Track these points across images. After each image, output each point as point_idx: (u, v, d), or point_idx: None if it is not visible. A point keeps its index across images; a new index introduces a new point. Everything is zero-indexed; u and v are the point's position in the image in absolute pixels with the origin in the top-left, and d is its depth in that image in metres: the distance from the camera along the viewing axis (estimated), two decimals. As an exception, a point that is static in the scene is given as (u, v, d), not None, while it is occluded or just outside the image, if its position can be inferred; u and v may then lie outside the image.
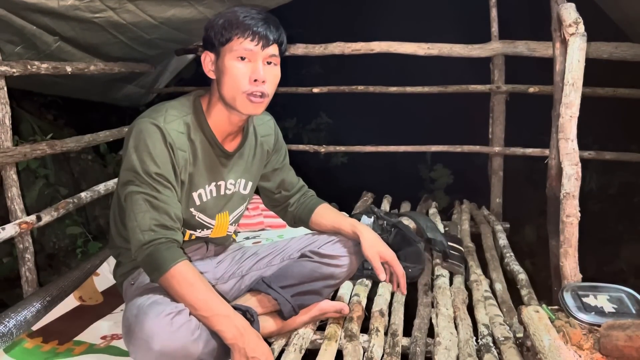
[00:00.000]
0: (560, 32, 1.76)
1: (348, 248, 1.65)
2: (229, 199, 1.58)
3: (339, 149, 3.56)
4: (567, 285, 1.62)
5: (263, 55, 1.37)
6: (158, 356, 1.23)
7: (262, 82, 1.37)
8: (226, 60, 1.37)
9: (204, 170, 1.48)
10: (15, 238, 1.98)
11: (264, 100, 1.41)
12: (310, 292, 1.63)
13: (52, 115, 3.58)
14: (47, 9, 2.03)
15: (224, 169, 1.53)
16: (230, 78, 1.37)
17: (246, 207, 1.70)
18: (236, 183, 1.58)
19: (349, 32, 3.41)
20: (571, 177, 1.66)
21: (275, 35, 1.39)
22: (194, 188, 1.48)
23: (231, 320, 1.31)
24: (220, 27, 1.37)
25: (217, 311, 1.30)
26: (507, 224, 3.02)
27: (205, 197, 1.51)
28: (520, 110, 3.32)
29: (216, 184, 1.53)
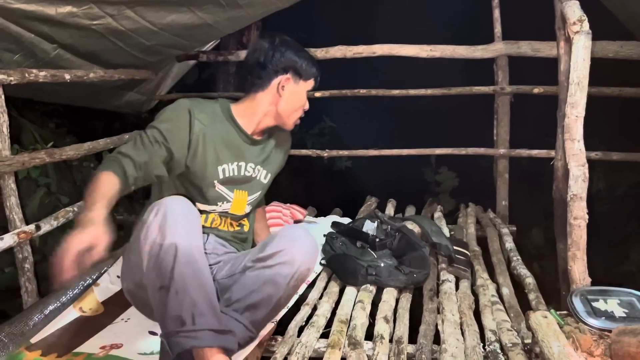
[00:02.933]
0: (565, 31, 1.73)
1: (292, 239, 1.59)
2: (248, 180, 1.85)
3: (343, 154, 3.53)
4: (576, 290, 1.58)
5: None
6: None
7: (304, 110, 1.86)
8: (299, 89, 1.79)
9: (228, 150, 1.77)
10: (15, 248, 1.96)
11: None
12: (258, 303, 1.50)
13: (54, 124, 3.57)
14: (44, 16, 2.02)
15: (246, 153, 1.82)
16: (297, 103, 1.80)
17: (262, 195, 1.97)
18: (256, 169, 1.86)
19: (351, 37, 3.39)
20: (578, 178, 1.63)
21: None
22: (219, 162, 1.75)
23: (86, 218, 1.34)
24: (310, 65, 1.78)
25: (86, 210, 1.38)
26: (514, 227, 2.98)
27: (228, 173, 1.78)
28: (524, 112, 3.28)
29: (238, 163, 1.80)
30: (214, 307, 1.39)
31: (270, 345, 1.67)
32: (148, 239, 1.41)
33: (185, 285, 1.36)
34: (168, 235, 1.39)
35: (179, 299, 1.35)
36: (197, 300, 1.35)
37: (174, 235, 1.38)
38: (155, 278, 1.39)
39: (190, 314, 1.34)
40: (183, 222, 1.43)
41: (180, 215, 1.44)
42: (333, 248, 2.22)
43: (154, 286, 1.40)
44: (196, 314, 1.34)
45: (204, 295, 1.38)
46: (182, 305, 1.35)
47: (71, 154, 2.36)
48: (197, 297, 1.36)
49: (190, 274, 1.37)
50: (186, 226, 1.43)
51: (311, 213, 3.10)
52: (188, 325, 1.33)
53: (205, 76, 4.46)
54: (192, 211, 1.51)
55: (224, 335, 1.37)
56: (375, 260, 2.05)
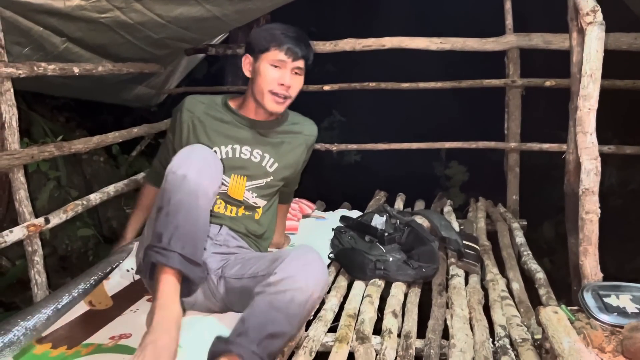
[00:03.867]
0: (577, 22, 1.70)
1: (305, 264, 1.45)
2: (245, 164, 1.84)
3: (352, 147, 3.51)
4: (588, 285, 1.56)
5: (291, 66, 1.74)
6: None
7: (287, 87, 1.74)
8: (262, 65, 1.73)
9: (222, 133, 1.82)
10: (24, 240, 1.97)
11: (286, 102, 1.78)
12: (276, 334, 1.38)
13: (64, 118, 3.60)
14: (53, 10, 2.02)
15: (242, 136, 1.83)
16: (263, 79, 1.73)
17: (273, 186, 1.91)
18: (254, 152, 1.84)
19: (360, 30, 3.37)
20: (590, 172, 1.60)
21: (304, 52, 1.75)
22: (211, 145, 1.79)
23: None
24: (262, 38, 1.74)
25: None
26: (524, 222, 2.95)
27: (220, 155, 1.81)
28: (535, 105, 3.25)
29: (232, 146, 1.83)
30: (194, 239, 1.47)
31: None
32: (169, 168, 1.52)
33: (177, 211, 1.45)
34: (183, 166, 1.49)
35: (167, 220, 1.45)
36: (181, 226, 1.44)
37: (188, 168, 1.49)
38: (158, 200, 1.52)
39: (169, 235, 1.43)
40: (201, 161, 1.53)
41: (201, 158, 1.55)
42: (341, 242, 2.21)
43: (155, 207, 1.54)
44: (174, 236, 1.43)
45: (190, 225, 1.45)
46: (167, 225, 1.44)
47: (80, 148, 2.37)
48: (182, 224, 1.44)
49: (185, 203, 1.46)
50: (202, 165, 1.52)
51: (320, 207, 3.09)
52: (163, 243, 1.42)
53: (214, 70, 4.46)
54: (215, 160, 1.61)
55: (192, 265, 1.44)
56: (383, 255, 2.04)
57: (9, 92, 1.93)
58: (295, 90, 1.78)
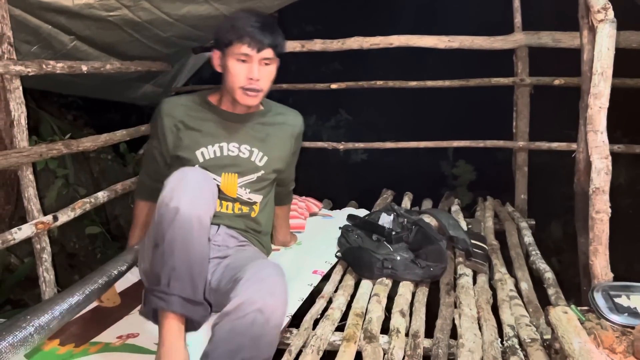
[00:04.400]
0: (588, 19, 1.68)
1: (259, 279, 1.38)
2: (234, 161, 1.83)
3: (359, 146, 3.50)
4: (598, 285, 1.55)
5: (258, 57, 1.67)
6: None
7: (256, 80, 1.69)
8: (229, 60, 1.69)
9: (206, 133, 1.80)
10: (33, 238, 1.97)
11: (259, 94, 1.74)
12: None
13: (72, 116, 3.61)
14: (61, 8, 2.02)
15: (228, 133, 1.82)
16: (232, 75, 1.70)
17: (265, 180, 1.89)
18: (242, 147, 1.83)
19: (367, 28, 3.36)
20: (601, 171, 1.59)
21: (270, 40, 1.67)
22: (197, 147, 1.80)
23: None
24: (225, 31, 1.68)
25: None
26: (533, 221, 2.93)
27: (208, 155, 1.81)
28: (543, 104, 3.22)
29: (219, 144, 1.81)
30: (192, 277, 1.41)
31: (285, 338, 1.67)
32: (160, 199, 1.47)
33: (173, 249, 1.40)
34: (175, 198, 1.43)
35: (164, 259, 1.40)
36: (178, 266, 1.39)
37: (179, 200, 1.43)
38: (153, 235, 1.46)
39: (167, 276, 1.39)
40: (193, 189, 1.47)
41: (194, 184, 1.49)
42: (349, 241, 2.20)
43: (150, 243, 1.49)
44: (172, 278, 1.39)
45: (187, 263, 1.41)
46: (163, 266, 1.40)
47: (88, 145, 2.37)
48: (179, 263, 1.40)
49: (180, 239, 1.40)
50: (195, 194, 1.46)
51: (327, 206, 3.08)
52: (162, 287, 1.39)
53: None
54: (209, 183, 1.55)
55: (194, 306, 1.41)
56: (391, 254, 2.03)
57: (18, 90, 1.94)
58: (267, 81, 1.73)
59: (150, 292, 1.41)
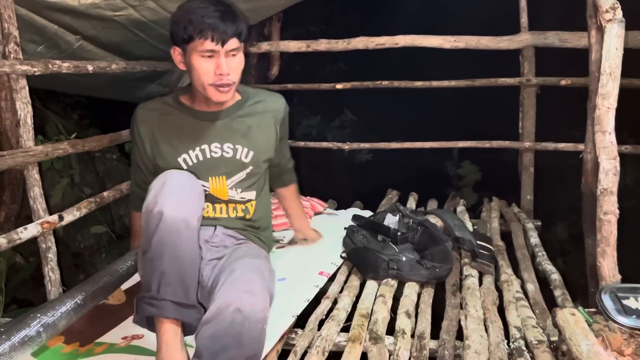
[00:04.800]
0: (596, 19, 1.67)
1: (233, 282, 1.37)
2: (219, 162, 1.74)
3: (364, 146, 3.50)
4: (605, 287, 1.54)
5: (224, 50, 1.55)
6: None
7: (227, 75, 1.57)
8: (192, 58, 1.56)
9: (185, 138, 1.71)
10: (38, 237, 1.97)
11: (231, 87, 1.62)
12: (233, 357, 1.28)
13: (77, 115, 3.61)
14: (67, 7, 2.02)
15: (207, 134, 1.72)
16: (198, 73, 1.58)
17: (255, 175, 1.81)
18: (224, 146, 1.73)
19: (373, 28, 3.35)
20: (609, 172, 1.58)
21: (232, 29, 1.54)
22: (177, 154, 1.71)
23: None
24: (182, 26, 1.54)
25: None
26: (539, 222, 2.92)
27: (190, 161, 1.72)
28: (550, 105, 3.21)
29: (200, 148, 1.72)
30: (183, 280, 1.39)
31: (290, 338, 1.66)
32: (145, 204, 1.44)
33: (161, 254, 1.37)
34: (159, 202, 1.40)
35: (153, 266, 1.38)
36: (167, 270, 1.37)
37: (163, 204, 1.39)
38: (142, 240, 1.44)
39: (157, 282, 1.36)
40: (177, 192, 1.43)
41: (177, 186, 1.45)
42: (354, 241, 2.20)
43: (140, 250, 1.45)
44: (162, 283, 1.36)
45: (176, 266, 1.38)
46: (153, 272, 1.37)
47: (94, 145, 2.37)
48: (168, 267, 1.37)
49: (167, 243, 1.37)
50: (179, 197, 1.43)
51: (331, 206, 3.08)
52: (153, 293, 1.36)
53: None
54: (193, 184, 1.51)
55: (186, 309, 1.38)
56: (396, 254, 2.02)
57: (24, 89, 1.94)
58: (237, 72, 1.61)
59: (141, 299, 1.38)
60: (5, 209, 2.43)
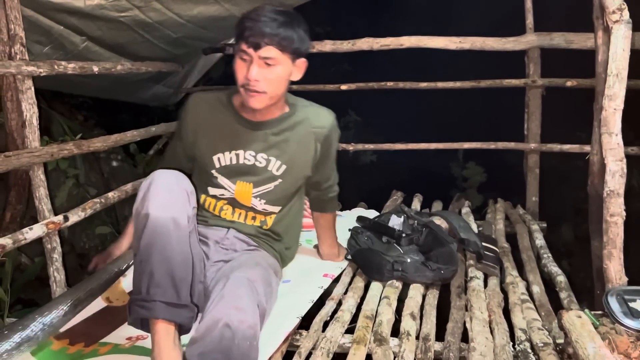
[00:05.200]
0: (603, 20, 1.66)
1: (222, 298, 1.35)
2: (250, 170, 1.73)
3: (368, 147, 3.50)
4: (612, 289, 1.53)
5: (257, 56, 1.53)
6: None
7: (255, 81, 1.54)
8: (235, 57, 1.58)
9: (224, 138, 1.72)
10: (44, 238, 1.98)
11: (260, 96, 1.57)
12: None
13: (82, 116, 3.63)
14: (73, 8, 2.04)
15: (245, 140, 1.71)
16: (235, 73, 1.58)
17: (286, 190, 1.78)
18: (258, 156, 1.72)
19: (378, 29, 3.35)
20: (615, 173, 1.57)
21: (271, 37, 1.51)
22: (214, 152, 1.72)
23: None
24: (237, 26, 1.57)
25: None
26: (544, 223, 2.91)
27: (224, 162, 1.73)
28: (555, 106, 3.20)
29: (235, 152, 1.72)
30: (173, 280, 1.36)
31: (294, 340, 1.66)
32: (134, 207, 1.42)
33: (148, 255, 1.35)
34: (145, 204, 1.38)
35: (142, 267, 1.36)
36: (156, 271, 1.34)
37: (149, 206, 1.37)
38: (133, 245, 1.42)
39: (146, 284, 1.34)
40: (164, 194, 1.40)
41: (163, 187, 1.41)
42: (358, 243, 2.19)
43: (133, 253, 1.43)
44: (152, 284, 1.34)
45: (165, 267, 1.35)
46: (142, 274, 1.36)
47: (99, 146, 2.38)
48: (156, 268, 1.34)
49: (155, 244, 1.35)
50: (165, 198, 1.40)
51: (336, 207, 3.07)
52: (143, 295, 1.34)
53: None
54: (180, 183, 1.46)
55: (177, 309, 1.35)
56: (401, 256, 2.02)
57: (30, 90, 1.95)
58: (269, 83, 1.56)
59: (132, 302, 1.37)
60: (11, 210, 2.44)
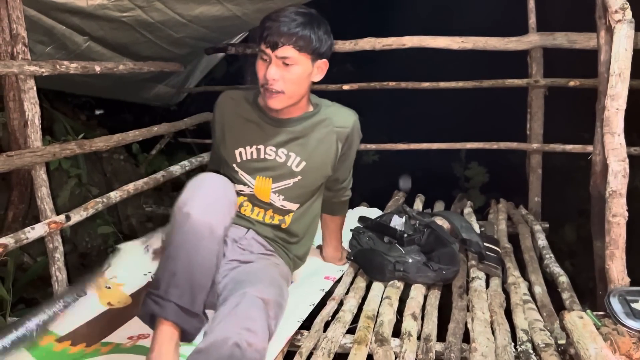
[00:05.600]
0: (606, 19, 1.66)
1: (232, 313, 1.35)
2: (270, 165, 1.76)
3: (370, 147, 3.49)
4: (614, 290, 1.52)
5: (274, 56, 1.57)
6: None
7: (273, 80, 1.58)
8: (257, 58, 1.63)
9: (247, 133, 1.76)
10: (46, 237, 1.98)
11: (279, 96, 1.61)
12: None
13: (85, 116, 3.63)
14: (76, 8, 2.04)
15: (266, 136, 1.75)
16: (256, 72, 1.63)
17: (305, 187, 1.80)
18: (279, 151, 1.75)
19: (380, 29, 3.34)
20: (618, 173, 1.57)
21: (289, 37, 1.54)
22: (236, 146, 1.77)
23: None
24: (259, 27, 1.61)
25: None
26: (547, 224, 2.90)
27: (245, 156, 1.77)
28: (558, 106, 3.19)
29: (257, 147, 1.75)
30: (192, 287, 1.35)
31: (295, 340, 1.66)
32: (177, 202, 1.42)
33: (177, 255, 1.35)
34: (189, 203, 1.38)
35: (167, 264, 1.36)
36: (178, 272, 1.34)
37: (192, 206, 1.37)
38: (167, 238, 1.42)
39: (166, 282, 1.34)
40: (209, 199, 1.42)
41: (210, 192, 1.43)
42: (360, 243, 2.19)
43: (165, 245, 1.43)
44: (171, 284, 1.33)
45: (189, 271, 1.35)
46: (165, 270, 1.35)
47: (101, 146, 2.38)
48: (179, 269, 1.34)
49: (186, 246, 1.35)
50: (209, 203, 1.41)
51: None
52: (160, 291, 1.33)
53: (234, 69, 4.47)
54: (227, 192, 1.48)
55: (188, 316, 1.33)
56: (403, 256, 2.01)
57: (32, 90, 1.95)
58: (288, 83, 1.60)
59: (148, 295, 1.36)
60: (13, 209, 2.44)
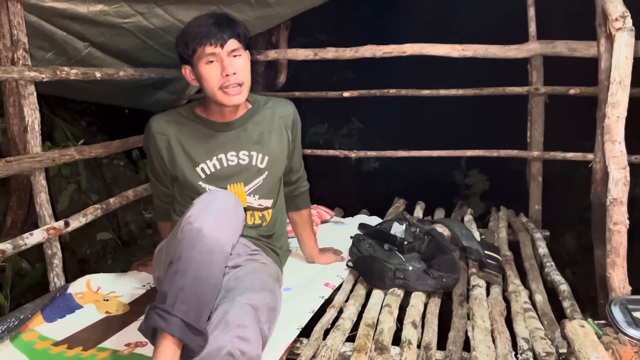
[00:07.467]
0: (606, 28, 1.66)
1: (225, 324, 1.35)
2: (237, 170, 1.79)
3: (371, 155, 3.48)
4: (615, 298, 1.51)
5: (225, 52, 1.62)
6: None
7: (233, 74, 1.63)
8: (199, 67, 1.65)
9: (202, 148, 1.76)
10: (44, 243, 1.98)
11: (241, 89, 1.67)
12: None
13: (85, 122, 3.63)
14: (76, 15, 2.04)
15: (222, 143, 1.77)
16: (206, 80, 1.65)
17: (271, 181, 1.86)
18: (240, 154, 1.78)
19: (380, 37, 3.35)
20: (619, 181, 1.56)
21: (229, 31, 1.63)
22: (195, 163, 1.76)
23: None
24: (184, 44, 1.66)
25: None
26: (547, 232, 2.89)
27: (209, 170, 1.77)
28: (558, 114, 3.19)
29: (217, 157, 1.77)
30: (199, 304, 1.34)
31: (295, 348, 1.65)
32: (185, 216, 1.41)
33: (186, 270, 1.34)
34: (200, 218, 1.38)
35: (175, 279, 1.34)
36: (188, 287, 1.32)
37: (204, 221, 1.38)
38: (172, 251, 1.40)
39: (173, 296, 1.31)
40: (222, 215, 1.42)
41: (223, 209, 1.44)
42: (360, 250, 2.18)
43: (166, 259, 1.43)
44: (179, 299, 1.31)
45: (197, 287, 1.33)
46: (172, 284, 1.33)
47: (100, 152, 2.38)
48: (189, 285, 1.33)
49: (196, 262, 1.34)
50: (221, 220, 1.41)
51: (338, 214, 3.06)
52: (167, 306, 1.31)
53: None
54: (237, 210, 1.49)
55: (192, 333, 1.31)
56: (403, 264, 2.00)
57: (32, 95, 1.95)
58: (243, 72, 1.66)
59: (152, 308, 1.33)
60: (12, 215, 2.44)
